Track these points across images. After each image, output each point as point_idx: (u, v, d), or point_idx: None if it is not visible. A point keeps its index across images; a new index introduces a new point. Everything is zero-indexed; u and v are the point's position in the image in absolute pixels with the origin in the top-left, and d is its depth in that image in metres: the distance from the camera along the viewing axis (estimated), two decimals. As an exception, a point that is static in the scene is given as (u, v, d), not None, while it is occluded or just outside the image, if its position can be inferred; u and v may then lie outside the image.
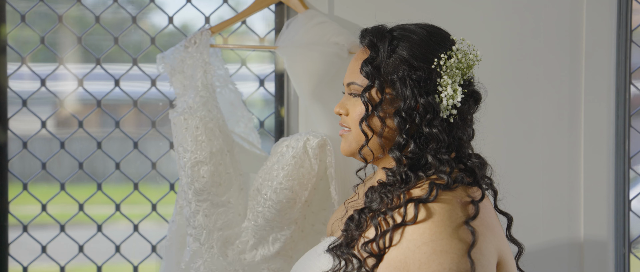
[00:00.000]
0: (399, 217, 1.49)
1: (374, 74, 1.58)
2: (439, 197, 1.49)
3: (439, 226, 1.47)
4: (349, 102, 1.65)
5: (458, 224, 1.47)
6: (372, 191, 1.57)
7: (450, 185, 1.51)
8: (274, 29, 2.33)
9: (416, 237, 1.47)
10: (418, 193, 1.52)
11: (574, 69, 2.33)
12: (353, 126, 1.64)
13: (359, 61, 1.63)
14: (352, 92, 1.64)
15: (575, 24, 2.31)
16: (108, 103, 2.33)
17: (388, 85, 1.58)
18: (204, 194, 1.96)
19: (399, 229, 1.48)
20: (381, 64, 1.58)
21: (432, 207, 1.49)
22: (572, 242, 2.35)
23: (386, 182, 1.56)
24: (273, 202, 1.93)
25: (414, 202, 1.49)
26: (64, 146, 2.33)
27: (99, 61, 2.31)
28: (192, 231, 1.98)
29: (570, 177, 2.35)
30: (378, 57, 1.59)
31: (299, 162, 1.92)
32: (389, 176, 1.57)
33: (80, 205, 2.34)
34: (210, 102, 1.98)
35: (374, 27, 1.64)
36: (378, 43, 1.60)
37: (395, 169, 1.56)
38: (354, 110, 1.63)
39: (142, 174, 2.34)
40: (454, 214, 1.48)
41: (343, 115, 1.66)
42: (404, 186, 1.54)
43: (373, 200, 1.55)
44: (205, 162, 1.93)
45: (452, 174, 1.53)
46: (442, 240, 1.46)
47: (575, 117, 2.33)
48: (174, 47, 2.09)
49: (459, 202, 1.50)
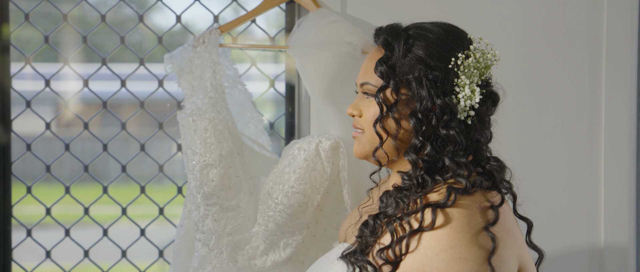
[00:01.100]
0: (416, 222, 1.48)
1: (389, 74, 1.56)
2: (458, 202, 1.48)
3: (457, 232, 1.45)
4: (362, 103, 1.64)
5: (477, 229, 1.46)
6: (387, 195, 1.55)
7: (468, 189, 1.50)
8: (285, 28, 2.33)
9: (434, 243, 1.45)
10: (435, 198, 1.51)
11: (594, 68, 2.32)
12: (367, 128, 1.62)
13: (373, 61, 1.62)
14: (365, 92, 1.63)
15: (596, 22, 2.31)
16: (114, 104, 2.33)
17: (403, 85, 1.56)
18: (213, 198, 1.95)
19: (416, 235, 1.46)
20: (396, 63, 1.57)
21: (450, 212, 1.47)
22: (592, 248, 2.34)
23: (402, 186, 1.55)
24: (284, 206, 1.92)
25: (431, 207, 1.47)
26: (68, 147, 2.32)
27: (105, 61, 2.31)
28: (201, 235, 1.98)
29: (590, 181, 2.34)
30: (393, 56, 1.58)
31: (311, 165, 1.91)
32: (404, 179, 1.55)
33: (85, 209, 2.33)
34: (219, 103, 1.98)
35: (388, 25, 1.63)
36: (393, 42, 1.58)
37: (411, 172, 1.55)
38: (367, 112, 1.62)
39: (149, 177, 2.34)
40: (473, 219, 1.47)
41: (356, 116, 1.65)
42: (420, 190, 1.53)
43: (388, 205, 1.54)
44: (214, 165, 1.93)
45: (470, 177, 1.52)
46: (461, 247, 1.44)
47: (596, 118, 2.33)
48: (182, 47, 2.09)
49: (478, 207, 1.49)
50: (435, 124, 1.54)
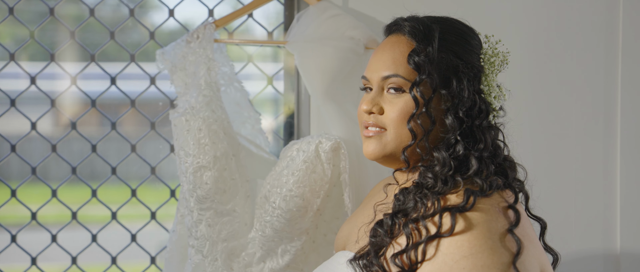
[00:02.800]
0: (433, 227, 1.45)
1: (428, 67, 1.53)
2: (476, 206, 1.46)
3: (478, 238, 1.42)
4: (382, 98, 1.60)
5: (500, 234, 1.43)
6: (405, 192, 1.52)
7: (485, 191, 1.48)
8: (283, 23, 2.31)
9: (453, 250, 1.42)
10: (454, 200, 1.48)
11: (610, 67, 2.31)
12: (392, 125, 1.58)
13: (398, 52, 1.58)
14: (392, 86, 1.58)
15: (611, 16, 2.30)
16: (104, 103, 2.32)
17: (442, 80, 1.54)
18: (207, 202, 1.94)
19: (434, 241, 1.44)
20: (434, 56, 1.54)
21: (470, 216, 1.45)
22: (607, 254, 2.32)
23: (424, 183, 1.52)
24: (282, 211, 1.91)
25: (450, 211, 1.44)
26: (55, 148, 2.29)
27: (94, 58, 2.28)
28: (194, 242, 1.97)
29: (606, 184, 2.32)
30: (427, 48, 1.55)
31: (310, 168, 1.90)
32: (428, 177, 1.52)
33: (73, 213, 2.30)
34: (214, 102, 1.97)
35: (411, 16, 1.61)
36: (426, 33, 1.56)
37: (438, 170, 1.52)
38: (393, 108, 1.57)
39: (141, 179, 2.33)
40: (494, 223, 1.44)
41: (375, 113, 1.59)
42: (441, 190, 1.50)
43: (406, 203, 1.51)
44: (208, 168, 1.93)
45: (489, 178, 1.51)
46: (482, 253, 1.41)
47: (611, 118, 2.32)
48: (175, 42, 2.07)
49: (498, 209, 1.47)
50: (471, 122, 1.53)
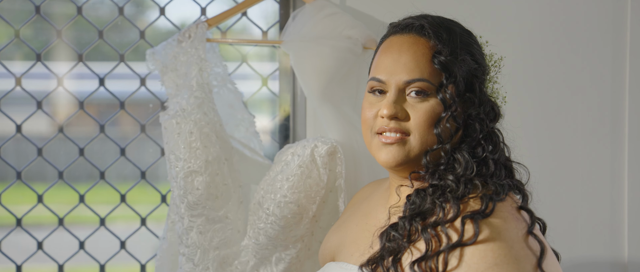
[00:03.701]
0: (455, 234, 1.43)
1: (454, 69, 1.52)
2: (495, 211, 1.46)
3: (502, 248, 1.41)
4: (405, 102, 1.55)
5: (521, 239, 1.43)
6: (422, 195, 1.51)
7: (500, 195, 1.48)
8: (279, 22, 2.30)
9: (478, 260, 1.40)
10: (473, 206, 1.47)
11: (617, 67, 2.30)
12: (417, 131, 1.54)
13: (420, 53, 1.54)
14: (416, 89, 1.54)
15: (619, 16, 2.29)
16: (92, 104, 2.31)
17: (465, 82, 1.54)
18: (198, 209, 1.93)
19: (456, 250, 1.42)
20: (456, 57, 1.53)
21: (492, 223, 1.44)
22: (614, 262, 2.32)
23: (444, 186, 1.50)
24: (276, 218, 1.90)
25: (472, 218, 1.43)
26: (41, 152, 2.27)
27: (82, 57, 2.26)
28: (185, 250, 1.96)
29: (613, 189, 2.32)
30: (449, 49, 1.53)
31: (305, 172, 1.88)
32: (449, 180, 1.50)
33: (60, 219, 2.29)
34: (206, 104, 1.96)
35: (423, 15, 1.60)
36: (448, 33, 1.55)
37: (460, 172, 1.50)
38: (419, 112, 1.54)
39: (130, 184, 2.32)
40: (514, 230, 1.44)
41: (399, 119, 1.55)
42: (462, 193, 1.49)
43: (423, 206, 1.49)
44: (199, 172, 1.92)
45: (500, 181, 1.52)
46: (508, 264, 1.40)
47: (619, 121, 2.32)
48: (165, 42, 2.06)
49: (515, 213, 1.47)
50: (492, 126, 1.55)
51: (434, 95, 1.52)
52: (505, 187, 1.50)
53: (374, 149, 1.57)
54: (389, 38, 1.60)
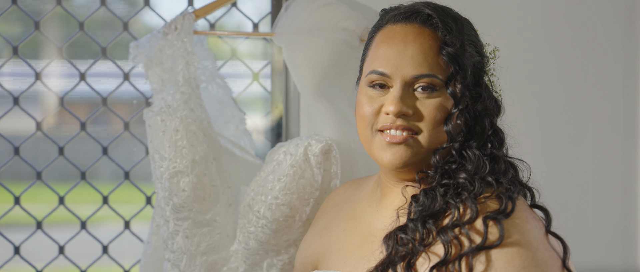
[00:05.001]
0: (478, 237, 1.39)
1: (463, 61, 1.49)
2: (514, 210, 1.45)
3: (528, 249, 1.38)
4: (414, 99, 1.50)
5: (543, 238, 1.41)
6: (432, 194, 1.46)
7: (513, 193, 1.45)
8: (270, 13, 2.28)
9: (504, 264, 1.37)
10: (490, 205, 1.43)
11: (630, 62, 2.28)
12: (428, 128, 1.50)
13: (427, 45, 1.50)
14: (424, 84, 1.49)
15: (632, 8, 2.27)
16: (72, 101, 2.30)
17: (472, 76, 1.51)
18: (184, 211, 1.92)
19: (481, 253, 1.38)
20: (464, 49, 1.49)
21: (515, 224, 1.41)
22: (628, 270, 2.29)
23: (457, 184, 1.46)
24: (267, 221, 1.89)
25: (495, 219, 1.39)
26: (18, 151, 2.24)
27: (61, 51, 2.25)
28: (170, 255, 1.95)
29: (626, 193, 2.30)
30: (457, 40, 1.49)
31: (298, 172, 1.87)
32: (461, 177, 1.46)
33: (38, 222, 2.26)
34: (193, 100, 1.95)
35: (426, 2, 1.54)
36: (455, 23, 1.50)
37: (471, 169, 1.47)
38: (428, 108, 1.49)
39: (113, 185, 2.30)
40: (535, 230, 1.41)
41: (408, 116, 1.50)
42: (478, 192, 1.45)
43: (434, 206, 1.45)
44: (186, 173, 1.91)
45: (511, 179, 1.51)
46: (536, 267, 1.37)
47: (631, 120, 2.29)
48: (150, 34, 2.04)
49: (530, 211, 1.45)
50: (496, 121, 1.53)
51: (442, 90, 1.48)
52: (517, 184, 1.47)
53: (376, 149, 1.51)
54: (388, 27, 1.53)
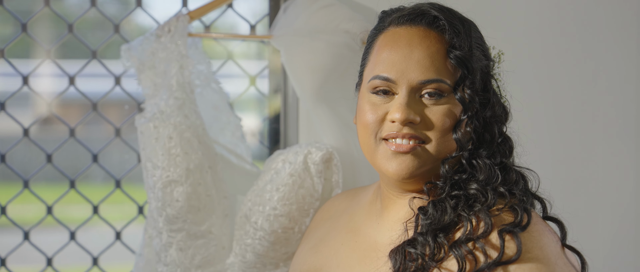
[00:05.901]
0: (494, 251, 1.36)
1: (471, 66, 1.46)
2: None
3: (547, 264, 1.36)
4: (421, 105, 1.47)
5: (559, 252, 1.39)
6: (441, 206, 1.43)
7: (526, 204, 1.43)
8: (268, 15, 2.25)
9: None
10: (505, 218, 1.40)
11: None
12: (436, 136, 1.47)
13: (434, 49, 1.47)
14: (431, 91, 1.46)
15: None
16: (63, 102, 2.31)
17: (481, 80, 1.48)
18: (178, 222, 1.90)
19: (497, 269, 1.36)
20: (472, 52, 1.46)
21: (531, 237, 1.38)
22: None
23: (469, 196, 1.43)
24: (265, 233, 1.88)
25: (512, 232, 1.36)
26: (4, 159, 2.21)
27: (50, 54, 2.22)
28: (164, 268, 1.93)
29: (638, 199, 2.28)
30: (465, 44, 1.47)
31: (298, 182, 1.86)
32: (472, 188, 1.43)
33: (25, 232, 2.23)
34: (187, 106, 1.93)
35: (432, 3, 1.51)
36: (462, 25, 1.47)
37: (483, 180, 1.44)
38: (437, 115, 1.46)
39: (103, 193, 2.27)
40: (552, 242, 1.39)
41: (416, 123, 1.47)
42: (491, 204, 1.42)
43: (444, 219, 1.42)
44: (179, 182, 1.89)
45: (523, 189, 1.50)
46: None
47: None
48: (143, 36, 2.03)
49: (544, 223, 1.42)
50: (504, 128, 1.52)
51: (450, 96, 1.45)
52: (529, 195, 1.45)
53: (380, 159, 1.46)
54: (390, 29, 1.50)
